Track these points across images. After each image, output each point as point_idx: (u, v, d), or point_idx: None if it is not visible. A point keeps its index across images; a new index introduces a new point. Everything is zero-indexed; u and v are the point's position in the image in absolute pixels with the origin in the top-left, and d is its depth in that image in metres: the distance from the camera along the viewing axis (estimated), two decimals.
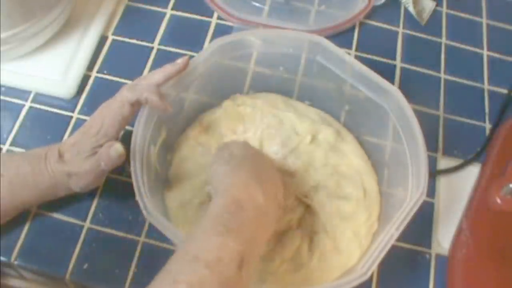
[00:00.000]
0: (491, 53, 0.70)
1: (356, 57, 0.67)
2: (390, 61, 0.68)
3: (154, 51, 0.65)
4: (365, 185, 0.55)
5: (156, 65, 0.63)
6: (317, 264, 0.50)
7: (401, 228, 0.45)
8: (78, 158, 0.48)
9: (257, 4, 0.71)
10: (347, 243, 0.51)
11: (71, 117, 0.59)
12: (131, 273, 0.50)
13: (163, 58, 0.64)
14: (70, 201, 0.52)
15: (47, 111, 0.59)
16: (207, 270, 0.35)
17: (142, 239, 0.52)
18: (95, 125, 0.48)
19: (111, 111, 0.48)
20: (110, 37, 0.66)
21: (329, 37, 0.57)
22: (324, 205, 0.53)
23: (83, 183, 0.49)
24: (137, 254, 0.51)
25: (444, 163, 0.60)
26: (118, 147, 0.46)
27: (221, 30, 0.68)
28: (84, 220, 0.53)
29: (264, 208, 0.42)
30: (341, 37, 0.69)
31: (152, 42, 0.66)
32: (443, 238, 0.55)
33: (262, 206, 0.42)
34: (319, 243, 0.51)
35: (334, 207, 0.53)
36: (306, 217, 0.53)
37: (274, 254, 0.49)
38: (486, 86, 0.67)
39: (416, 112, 0.51)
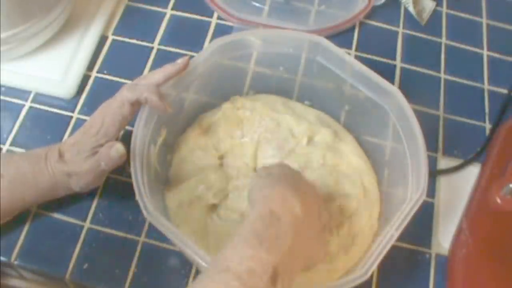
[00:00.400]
0: (491, 53, 0.70)
1: (356, 57, 0.67)
2: (390, 61, 0.68)
3: (154, 51, 0.65)
4: (365, 184, 0.55)
5: (156, 65, 0.63)
6: (321, 265, 0.49)
7: (401, 228, 0.45)
8: (78, 158, 0.48)
9: (257, 4, 0.71)
10: (347, 243, 0.51)
11: (71, 117, 0.59)
12: (131, 273, 0.50)
13: (163, 58, 0.64)
14: (70, 201, 0.52)
15: (47, 111, 0.59)
16: (237, 282, 0.34)
17: (142, 239, 0.52)
18: (95, 125, 0.48)
19: (111, 110, 0.48)
20: (110, 37, 0.66)
21: (329, 37, 0.57)
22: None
23: (83, 183, 0.49)
24: (137, 254, 0.51)
25: (444, 163, 0.60)
26: (119, 147, 0.46)
27: (221, 30, 0.68)
28: (84, 220, 0.53)
29: (302, 221, 0.40)
30: (341, 37, 0.69)
31: (152, 42, 0.66)
32: (443, 238, 0.55)
33: (299, 218, 0.40)
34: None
35: (334, 207, 0.53)
36: None
37: None
38: (486, 86, 0.67)
39: (416, 112, 0.51)
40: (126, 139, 0.48)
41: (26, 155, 0.50)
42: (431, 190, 0.58)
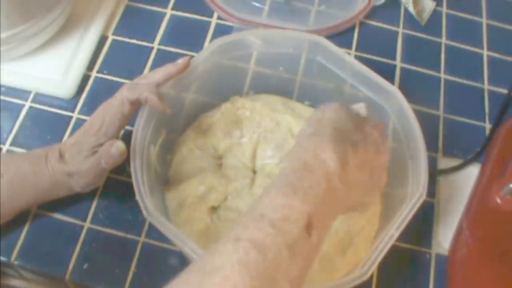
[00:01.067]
0: (491, 53, 0.70)
1: (356, 57, 0.67)
2: (390, 61, 0.68)
3: (154, 51, 0.65)
4: None
5: (156, 65, 0.63)
6: (316, 264, 0.49)
7: (401, 228, 0.45)
8: (79, 157, 0.48)
9: (257, 4, 0.71)
10: (347, 243, 0.51)
11: (71, 117, 0.59)
12: (131, 273, 0.50)
13: (163, 58, 0.64)
14: (70, 201, 0.52)
15: (47, 111, 0.59)
16: (271, 228, 0.34)
17: (142, 239, 0.52)
18: (95, 124, 0.48)
19: (111, 110, 0.48)
20: (110, 37, 0.66)
21: (329, 37, 0.57)
22: None
23: (84, 183, 0.49)
24: (137, 254, 0.51)
25: (444, 163, 0.60)
26: (120, 145, 0.46)
27: (221, 30, 0.68)
28: (84, 220, 0.53)
29: (336, 176, 0.39)
30: (341, 37, 0.69)
31: (152, 42, 0.66)
32: (443, 238, 0.55)
33: (332, 173, 0.39)
34: None
35: None
36: None
37: None
38: (486, 86, 0.67)
39: (416, 112, 0.51)
40: (126, 139, 0.48)
41: (27, 155, 0.50)
42: (431, 190, 0.58)
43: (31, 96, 0.60)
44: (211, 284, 0.31)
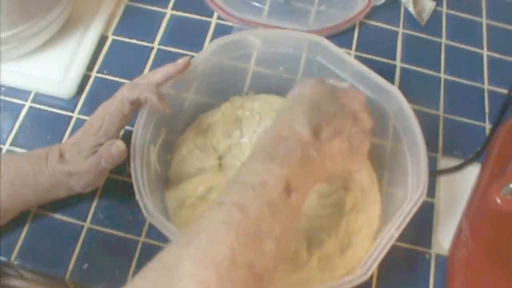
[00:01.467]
0: (491, 53, 0.70)
1: (356, 57, 0.67)
2: (390, 61, 0.68)
3: (154, 51, 0.65)
4: (364, 184, 0.55)
5: (156, 65, 0.63)
6: (315, 264, 0.50)
7: (401, 228, 0.45)
8: (79, 157, 0.48)
9: (257, 4, 0.71)
10: (347, 243, 0.51)
11: (71, 117, 0.59)
12: (131, 273, 0.50)
13: (163, 58, 0.64)
14: (70, 201, 0.52)
15: (47, 111, 0.59)
16: (252, 191, 0.36)
17: (142, 239, 0.52)
18: (95, 124, 0.48)
19: (110, 109, 0.48)
20: (110, 37, 0.66)
21: (329, 37, 0.57)
22: (321, 205, 0.53)
23: (84, 182, 0.49)
24: (137, 254, 0.51)
25: (444, 163, 0.60)
26: (120, 145, 0.46)
27: (221, 30, 0.68)
28: (84, 220, 0.53)
29: (310, 144, 0.41)
30: (341, 37, 0.69)
31: (152, 42, 0.66)
32: (443, 238, 0.55)
33: (306, 142, 0.41)
34: (316, 244, 0.51)
35: (330, 206, 0.53)
36: (302, 219, 0.52)
37: None
38: (486, 86, 0.67)
39: (416, 112, 0.51)
40: (126, 139, 0.48)
41: (27, 155, 0.50)
42: (431, 190, 0.58)
43: (31, 96, 0.60)
44: (199, 241, 0.33)
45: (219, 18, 0.69)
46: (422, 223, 0.56)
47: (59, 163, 0.48)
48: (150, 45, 0.65)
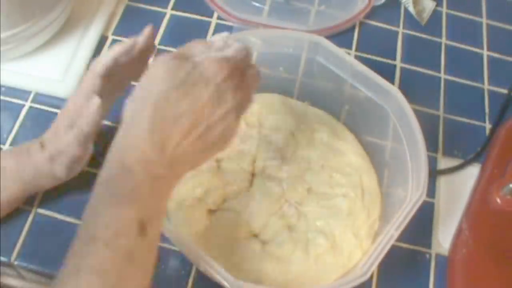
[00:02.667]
0: (491, 53, 0.70)
1: (356, 57, 0.67)
2: (390, 61, 0.68)
3: (154, 51, 0.65)
4: (364, 184, 0.55)
5: None
6: (314, 265, 0.50)
7: (401, 228, 0.45)
8: (57, 136, 0.48)
9: (257, 4, 0.71)
10: (346, 244, 0.51)
11: None
12: None
13: None
14: (70, 201, 0.52)
15: (47, 111, 0.59)
16: (107, 249, 0.34)
17: None
18: (69, 105, 0.48)
19: (82, 87, 0.48)
20: (110, 37, 0.66)
21: (329, 37, 0.57)
22: (320, 206, 0.53)
23: (68, 162, 0.48)
24: None
25: (444, 163, 0.60)
26: (95, 99, 0.46)
27: (221, 30, 0.67)
28: None
29: (157, 163, 0.37)
30: (341, 37, 0.69)
31: None
32: (443, 238, 0.55)
33: (154, 163, 0.37)
34: (315, 244, 0.51)
35: (330, 207, 0.53)
36: (301, 220, 0.53)
37: (266, 258, 0.50)
38: (486, 86, 0.67)
39: (416, 112, 0.51)
40: None
41: (8, 151, 0.51)
42: (431, 190, 0.58)
43: (31, 96, 0.60)
44: None
45: (219, 18, 0.69)
46: (422, 223, 0.55)
47: (40, 152, 0.48)
48: None
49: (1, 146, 0.56)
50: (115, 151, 0.38)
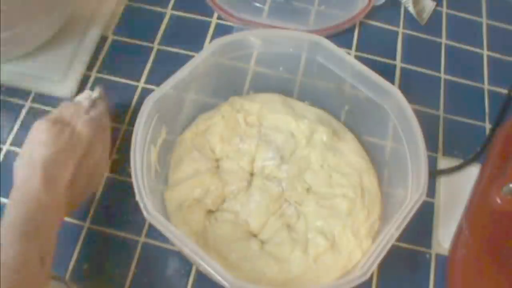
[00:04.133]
0: (491, 53, 0.70)
1: (356, 57, 0.66)
2: (390, 61, 0.68)
3: (154, 51, 0.65)
4: (364, 184, 0.55)
5: (156, 65, 0.63)
6: (313, 265, 0.50)
7: (401, 228, 0.45)
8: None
9: (257, 4, 0.71)
10: (346, 244, 0.51)
11: None
12: (131, 273, 0.50)
13: (163, 58, 0.64)
14: None
15: (47, 111, 0.59)
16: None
17: (142, 239, 0.52)
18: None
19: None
20: (110, 37, 0.66)
21: (329, 37, 0.57)
22: (319, 206, 0.53)
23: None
24: (137, 254, 0.51)
25: (444, 163, 0.60)
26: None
27: (221, 30, 0.68)
28: (84, 220, 0.53)
29: (47, 199, 0.43)
30: (341, 37, 0.69)
31: (152, 42, 0.66)
32: (443, 238, 0.55)
33: (44, 200, 0.43)
34: (315, 244, 0.51)
35: (329, 207, 0.53)
36: (300, 219, 0.53)
37: (266, 258, 0.50)
38: (486, 86, 0.67)
39: (416, 112, 0.51)
40: (126, 139, 0.48)
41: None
42: (431, 190, 0.58)
43: (31, 96, 0.60)
44: None
45: (219, 18, 0.69)
46: (422, 223, 0.56)
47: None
48: (150, 45, 0.65)
49: (1, 146, 0.56)
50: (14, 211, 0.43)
